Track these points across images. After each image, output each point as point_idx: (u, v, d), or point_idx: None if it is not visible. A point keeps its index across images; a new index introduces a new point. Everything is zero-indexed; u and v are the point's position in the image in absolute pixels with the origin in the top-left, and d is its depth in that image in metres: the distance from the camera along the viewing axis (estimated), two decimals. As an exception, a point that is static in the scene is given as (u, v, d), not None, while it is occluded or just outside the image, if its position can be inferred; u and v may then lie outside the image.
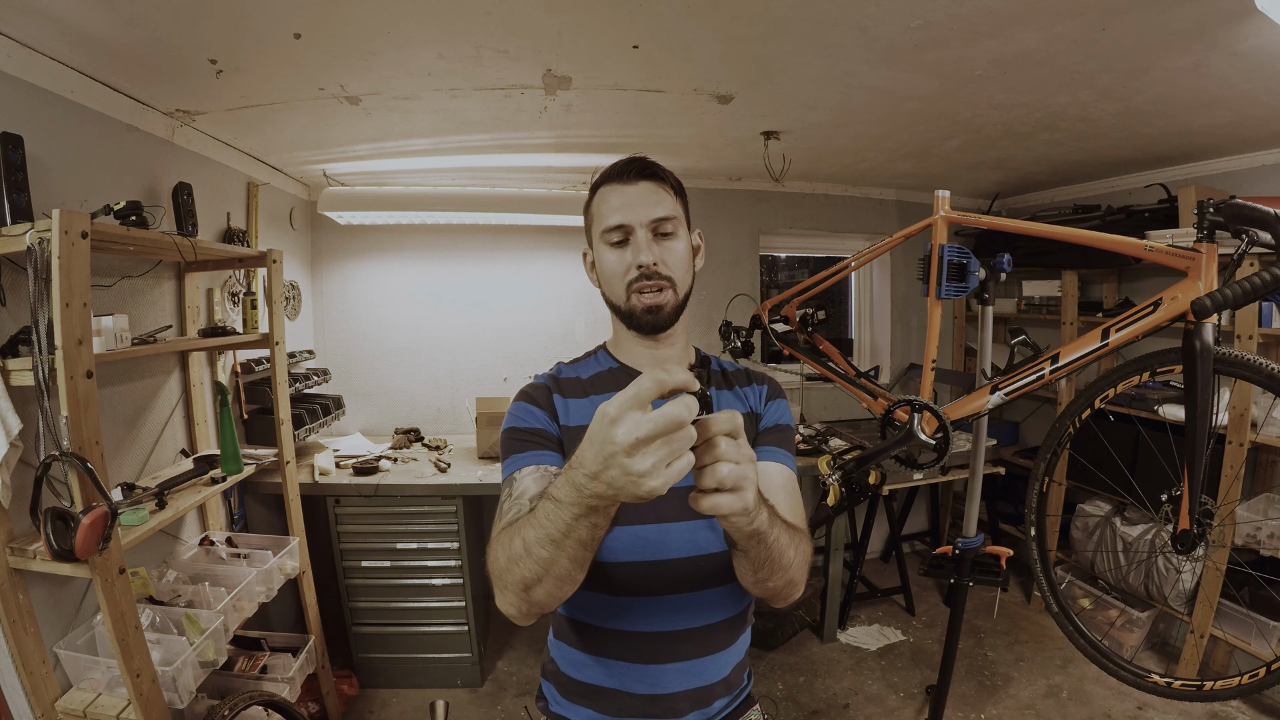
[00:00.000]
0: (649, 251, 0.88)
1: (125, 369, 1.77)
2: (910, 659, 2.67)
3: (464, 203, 2.76)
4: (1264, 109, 1.92)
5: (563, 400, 0.93)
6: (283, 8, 1.29)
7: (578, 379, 0.96)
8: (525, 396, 0.93)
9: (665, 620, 0.87)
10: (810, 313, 2.33)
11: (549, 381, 0.96)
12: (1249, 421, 2.13)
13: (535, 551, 0.63)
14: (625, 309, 0.91)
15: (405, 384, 3.11)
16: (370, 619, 2.40)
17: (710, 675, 0.91)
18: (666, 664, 0.87)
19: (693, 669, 0.89)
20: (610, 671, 0.89)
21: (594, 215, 0.94)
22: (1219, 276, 1.32)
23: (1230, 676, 1.40)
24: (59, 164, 1.49)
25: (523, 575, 0.66)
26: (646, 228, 0.89)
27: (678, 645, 0.88)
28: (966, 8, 1.33)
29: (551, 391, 0.93)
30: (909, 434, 1.71)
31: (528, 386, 0.96)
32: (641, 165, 0.92)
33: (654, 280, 0.89)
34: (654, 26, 1.42)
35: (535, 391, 0.94)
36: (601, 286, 0.95)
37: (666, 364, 0.87)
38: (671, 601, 0.87)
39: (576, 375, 0.97)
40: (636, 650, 0.88)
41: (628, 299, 0.90)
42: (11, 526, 1.32)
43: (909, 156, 2.65)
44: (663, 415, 0.51)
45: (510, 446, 0.88)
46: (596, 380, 0.96)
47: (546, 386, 0.94)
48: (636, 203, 0.89)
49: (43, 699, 1.35)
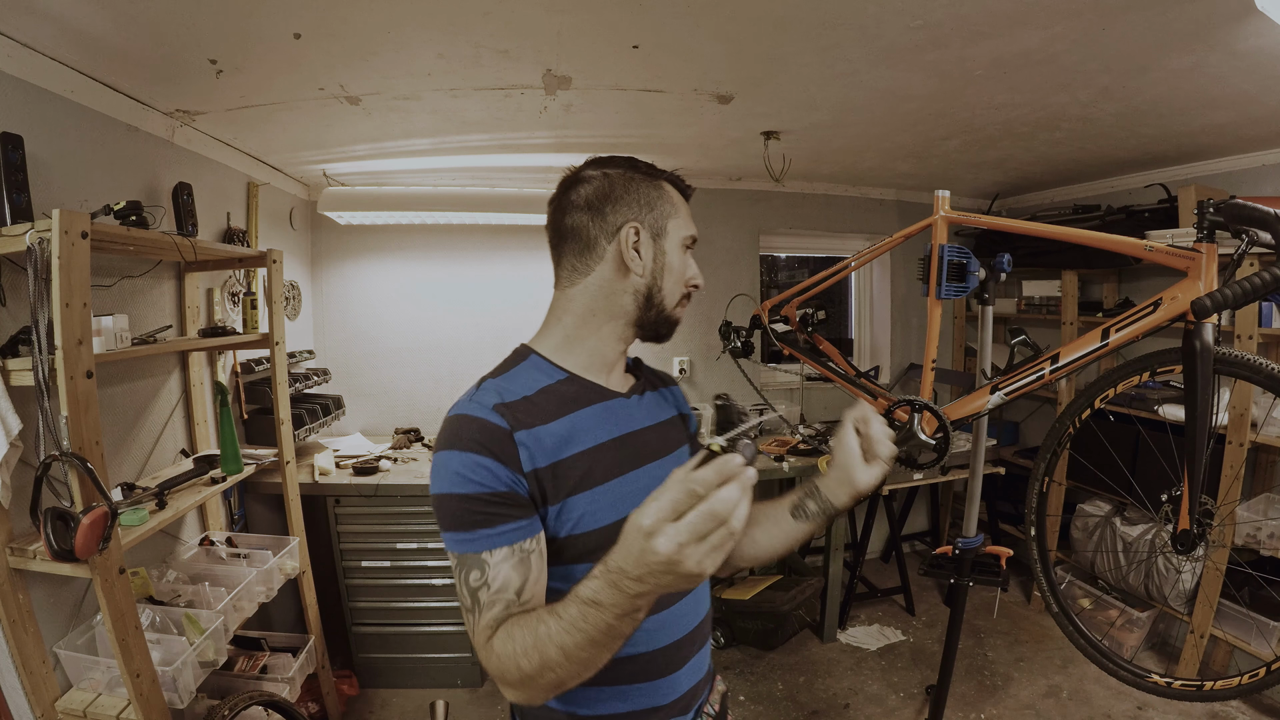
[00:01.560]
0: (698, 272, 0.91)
1: (125, 369, 1.77)
2: (910, 659, 2.67)
3: (464, 203, 2.76)
4: (1264, 109, 1.92)
5: (528, 434, 0.75)
6: (283, 8, 1.29)
7: (526, 399, 0.79)
8: (474, 445, 0.73)
9: (679, 628, 0.87)
10: (810, 313, 2.33)
11: (502, 416, 0.75)
12: (1249, 421, 2.13)
13: (576, 655, 0.61)
14: (667, 314, 0.89)
15: (405, 384, 3.11)
16: (370, 619, 2.40)
17: (705, 665, 0.93)
18: (679, 670, 0.87)
19: (696, 665, 0.90)
20: (625, 697, 0.83)
21: (674, 207, 0.88)
22: (1219, 276, 1.32)
23: (1230, 676, 1.40)
24: (59, 164, 1.49)
25: (561, 678, 0.64)
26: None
27: (687, 647, 0.88)
28: (966, 8, 1.33)
29: (510, 430, 0.74)
30: (909, 434, 1.71)
31: (470, 428, 0.74)
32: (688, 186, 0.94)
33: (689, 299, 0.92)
34: (654, 26, 1.42)
35: (486, 437, 0.73)
36: (655, 280, 0.85)
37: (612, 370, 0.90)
38: (680, 608, 0.87)
39: (523, 393, 0.80)
40: (653, 668, 0.84)
41: (676, 305, 0.90)
42: (11, 526, 1.32)
43: (909, 156, 2.65)
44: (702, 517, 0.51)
45: (466, 518, 0.72)
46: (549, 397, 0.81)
47: (501, 427, 0.74)
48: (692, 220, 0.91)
49: (43, 699, 1.35)
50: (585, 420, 0.81)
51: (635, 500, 0.65)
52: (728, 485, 0.52)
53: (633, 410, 0.89)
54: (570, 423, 0.80)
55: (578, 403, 0.82)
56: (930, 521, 3.76)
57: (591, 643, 0.60)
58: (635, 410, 0.89)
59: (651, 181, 0.88)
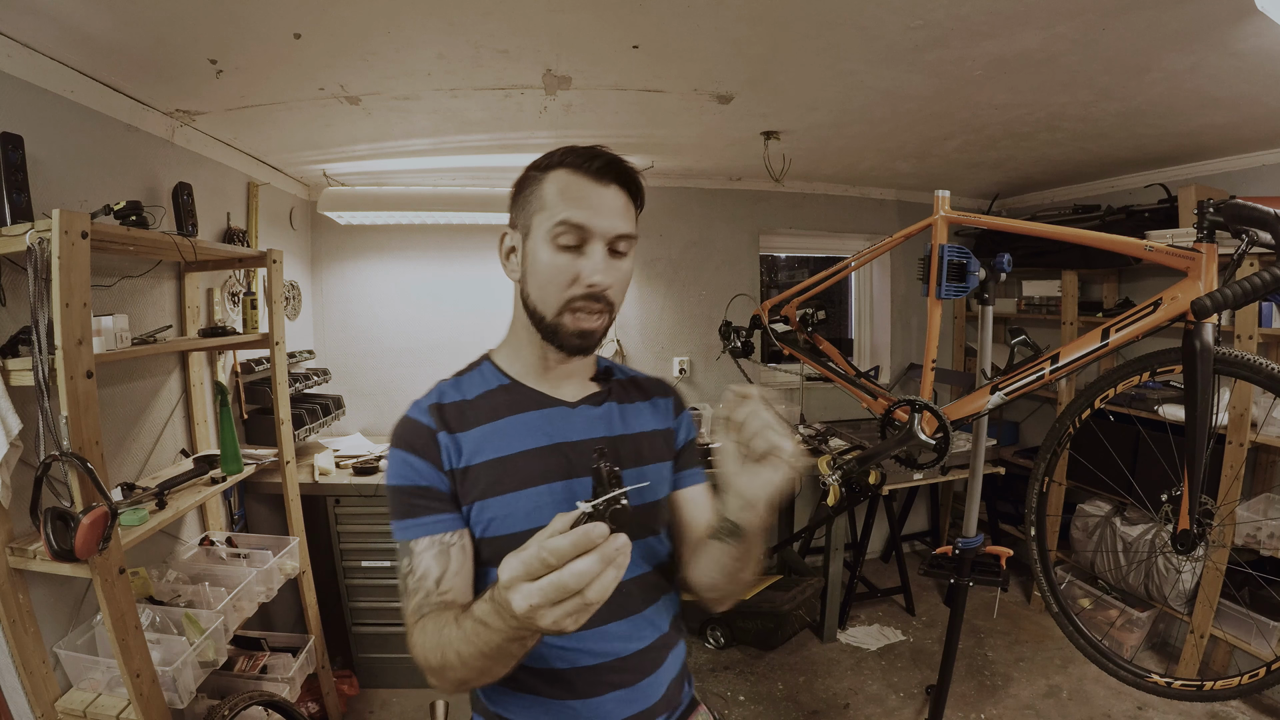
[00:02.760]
0: (605, 271, 0.77)
1: (125, 369, 1.77)
2: (910, 659, 2.67)
3: (464, 203, 2.76)
4: (1264, 109, 1.92)
5: (449, 437, 0.80)
6: (282, 7, 1.29)
7: (462, 403, 0.83)
8: (403, 443, 0.80)
9: (599, 653, 0.81)
10: (810, 313, 2.33)
11: (431, 417, 0.81)
12: (1249, 421, 2.13)
13: (471, 664, 0.64)
14: (551, 323, 0.79)
15: (405, 384, 3.10)
16: (370, 619, 2.40)
17: (649, 697, 0.85)
18: (605, 695, 0.81)
19: (631, 695, 0.83)
20: (549, 709, 0.82)
21: (542, 200, 0.79)
22: (1219, 276, 1.32)
23: (1230, 676, 1.40)
24: (59, 164, 1.49)
25: (461, 678, 0.67)
26: (605, 242, 0.77)
27: (611, 675, 0.82)
28: (966, 8, 1.33)
29: (435, 430, 0.80)
30: (909, 434, 1.71)
31: (404, 427, 0.82)
32: (622, 166, 0.79)
33: (596, 303, 0.78)
34: (654, 26, 1.42)
35: (413, 436, 0.80)
36: (526, 286, 0.82)
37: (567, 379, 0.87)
38: (603, 633, 0.81)
39: (461, 397, 0.84)
40: (572, 687, 0.81)
41: (559, 314, 0.78)
42: (11, 526, 1.32)
43: (909, 156, 2.65)
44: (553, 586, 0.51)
45: (397, 507, 0.79)
46: (484, 402, 0.84)
47: (428, 427, 0.80)
48: (606, 209, 0.77)
49: (43, 699, 1.35)
50: (512, 427, 0.82)
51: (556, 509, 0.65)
52: (584, 557, 0.51)
53: (571, 421, 0.84)
54: (494, 428, 0.81)
55: (510, 409, 0.83)
56: (930, 521, 3.76)
57: (483, 655, 0.62)
58: (579, 420, 0.85)
59: (540, 176, 0.81)
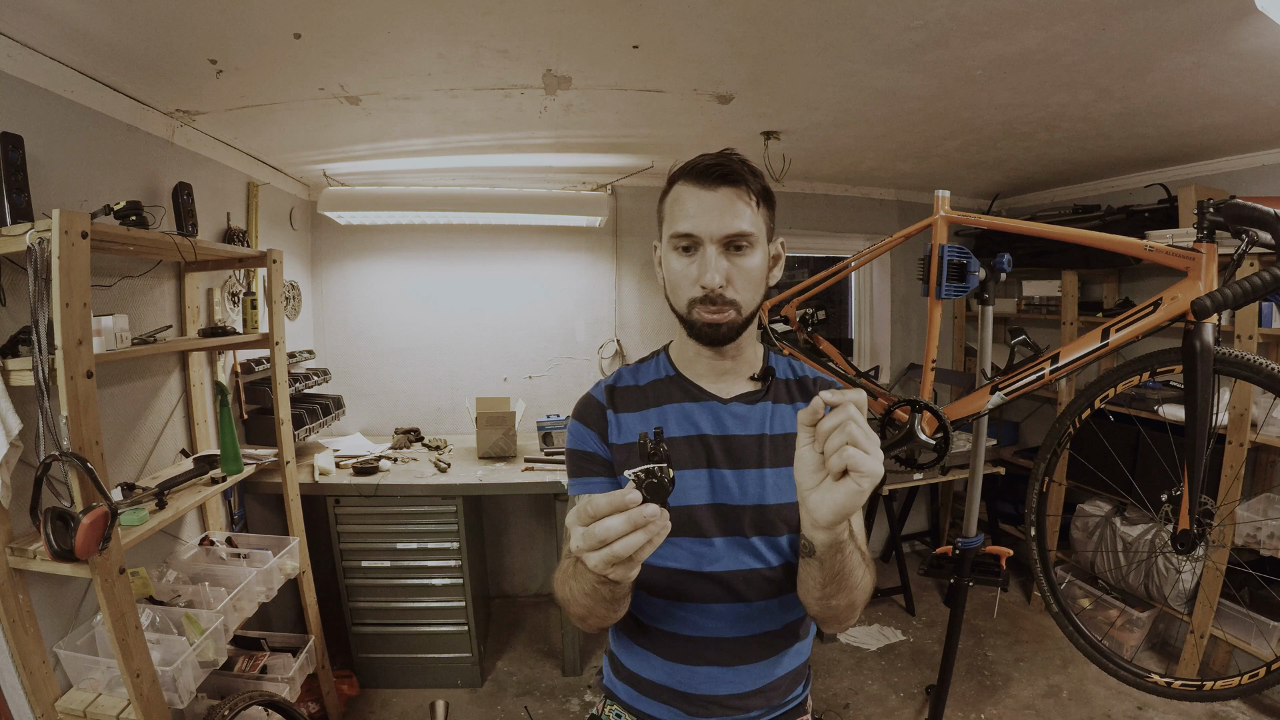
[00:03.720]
0: (716, 271, 0.81)
1: (125, 369, 1.77)
2: (910, 659, 2.67)
3: (464, 203, 2.76)
4: (1264, 109, 1.92)
5: (615, 416, 0.91)
6: (282, 7, 1.29)
7: (635, 387, 0.94)
8: (579, 414, 0.94)
9: (696, 626, 0.87)
10: (810, 313, 2.34)
11: (604, 395, 0.94)
12: (1249, 421, 2.13)
13: (579, 600, 0.75)
14: (686, 319, 0.87)
15: (405, 384, 3.11)
16: (370, 619, 2.40)
17: (741, 685, 0.89)
18: (697, 666, 0.88)
19: (720, 675, 0.88)
20: (650, 664, 0.91)
21: (665, 213, 0.88)
22: (1219, 276, 1.32)
23: (1230, 676, 1.40)
24: (59, 164, 1.49)
25: (576, 613, 0.78)
26: (718, 243, 0.81)
27: (704, 651, 0.88)
28: (966, 8, 1.33)
29: (605, 407, 0.92)
30: (909, 434, 1.71)
31: (584, 401, 0.95)
32: (725, 169, 0.82)
33: (718, 303, 0.83)
34: (654, 26, 1.42)
35: (587, 410, 0.94)
36: (667, 290, 0.91)
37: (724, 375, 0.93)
38: (704, 609, 0.86)
39: (635, 382, 0.95)
40: (670, 649, 0.89)
41: (689, 311, 0.86)
42: (11, 526, 1.32)
43: (909, 156, 2.65)
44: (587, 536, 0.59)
45: (571, 468, 0.92)
46: (653, 389, 0.94)
47: (600, 403, 0.93)
48: (712, 212, 0.81)
49: (43, 699, 1.35)
50: (663, 415, 0.91)
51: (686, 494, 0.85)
52: (614, 516, 0.58)
53: (719, 416, 0.90)
54: (650, 415, 0.91)
55: (669, 398, 0.92)
56: (930, 521, 3.76)
57: (585, 595, 0.72)
58: (723, 417, 0.90)
59: (667, 191, 0.89)
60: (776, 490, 0.87)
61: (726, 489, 0.86)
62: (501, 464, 2.55)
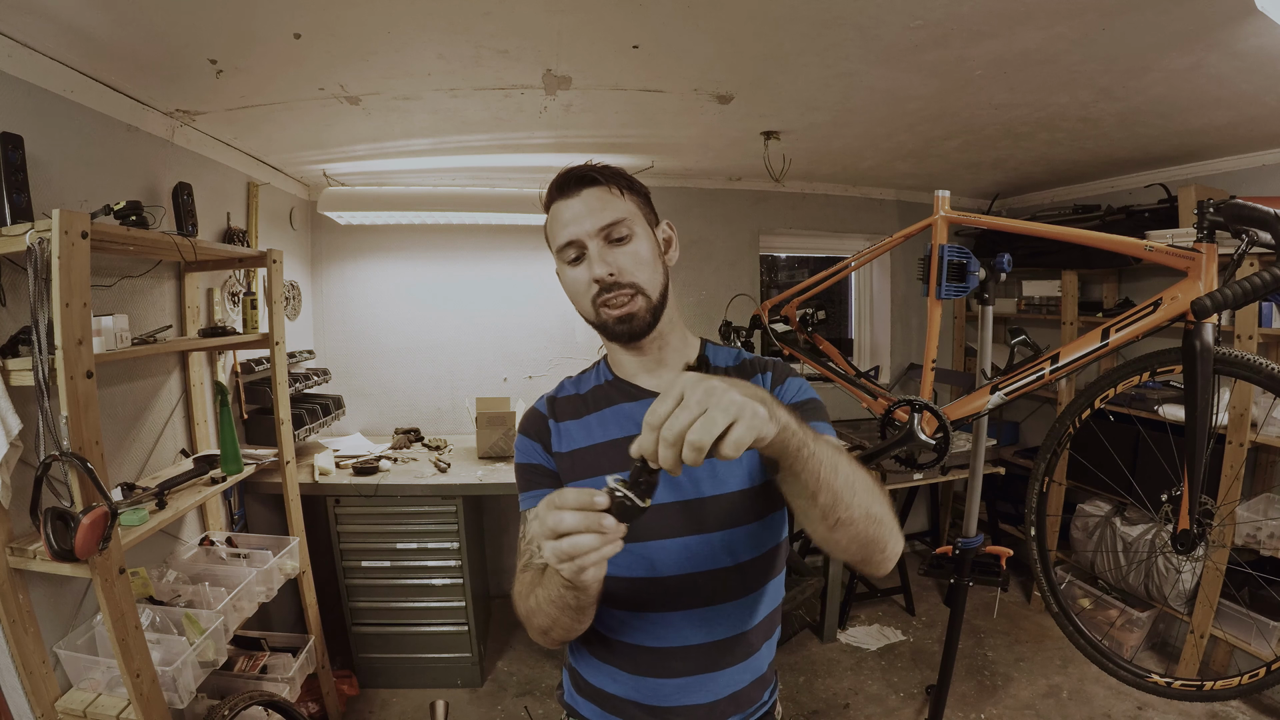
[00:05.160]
0: (602, 263, 0.84)
1: (125, 369, 1.77)
2: (910, 659, 2.67)
3: (464, 203, 2.76)
4: (1264, 109, 1.92)
5: (556, 425, 0.93)
6: (283, 8, 1.29)
7: (576, 396, 0.96)
8: (523, 428, 0.95)
9: (661, 636, 0.85)
10: (810, 313, 2.34)
11: (546, 406, 0.96)
12: (1249, 421, 2.13)
13: (544, 609, 0.76)
14: (597, 323, 0.89)
15: (405, 384, 3.11)
16: (370, 619, 2.40)
17: (712, 692, 0.87)
18: (664, 679, 0.86)
19: (690, 685, 0.86)
20: (614, 679, 0.89)
21: (549, 236, 0.91)
22: (1219, 276, 1.32)
23: (1230, 676, 1.40)
24: (59, 164, 1.49)
25: (539, 624, 0.79)
26: (597, 238, 0.85)
27: (671, 662, 0.86)
28: (966, 7, 1.33)
29: (546, 418, 0.94)
30: (909, 434, 1.71)
31: (528, 414, 0.97)
32: (579, 174, 0.88)
33: (615, 292, 0.84)
34: (654, 26, 1.42)
35: (530, 422, 0.95)
36: (575, 306, 0.92)
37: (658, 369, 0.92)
38: (667, 618, 0.85)
39: (576, 391, 0.96)
40: (636, 663, 0.87)
41: (597, 313, 0.87)
42: (11, 526, 1.32)
43: (909, 156, 2.65)
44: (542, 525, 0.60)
45: (520, 482, 0.93)
46: (593, 395, 0.95)
47: (542, 414, 0.95)
48: (582, 214, 0.85)
49: (43, 699, 1.35)
50: (607, 418, 0.91)
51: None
52: (572, 512, 0.59)
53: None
54: (594, 420, 0.91)
55: (608, 402, 0.92)
56: (930, 521, 3.76)
57: (551, 603, 0.73)
58: None
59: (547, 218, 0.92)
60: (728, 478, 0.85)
61: (677, 484, 0.84)
62: (501, 464, 2.55)
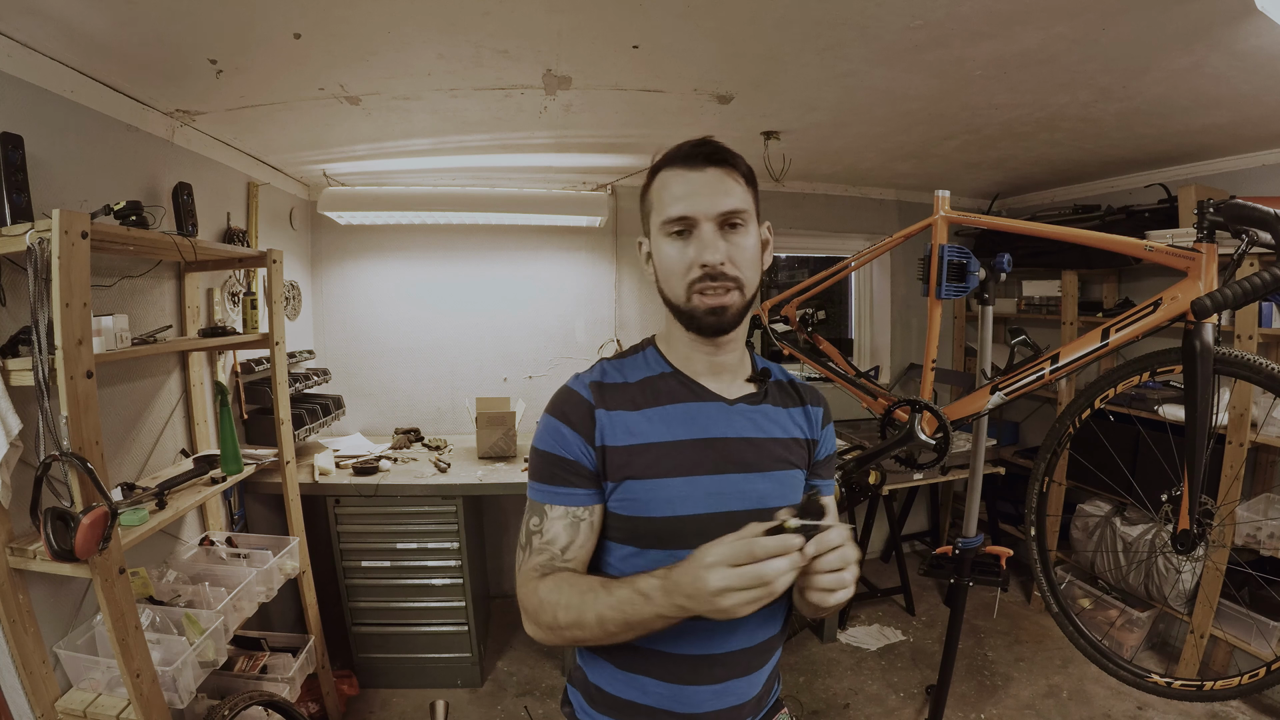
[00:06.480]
0: (715, 249, 0.79)
1: (125, 369, 1.77)
2: (910, 659, 2.67)
3: (464, 203, 2.76)
4: (1264, 109, 1.92)
5: (606, 414, 0.83)
6: (283, 8, 1.29)
7: (624, 385, 0.87)
8: (559, 413, 0.84)
9: (703, 645, 0.84)
10: (810, 313, 2.33)
11: (591, 393, 0.85)
12: (1249, 421, 2.13)
13: (607, 628, 0.72)
14: (685, 309, 0.82)
15: (405, 384, 3.11)
16: (370, 619, 2.40)
17: (743, 695, 0.88)
18: (702, 685, 0.85)
19: (727, 690, 0.86)
20: (644, 690, 0.86)
21: (653, 202, 0.84)
22: (1219, 276, 1.32)
23: (1230, 676, 1.40)
24: (59, 164, 1.49)
25: (582, 638, 0.75)
26: (714, 221, 0.80)
27: (714, 669, 0.85)
28: (966, 8, 1.33)
29: (594, 406, 0.84)
30: (909, 434, 1.71)
31: (564, 397, 0.86)
32: (711, 149, 0.81)
33: (720, 281, 0.80)
34: (654, 27, 1.42)
35: (570, 407, 0.84)
36: (658, 281, 0.86)
37: (722, 374, 0.90)
38: (711, 626, 0.82)
39: (623, 379, 0.87)
40: (673, 671, 0.84)
41: (688, 299, 0.81)
42: (11, 526, 1.32)
43: (909, 156, 2.65)
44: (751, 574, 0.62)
45: (540, 471, 0.84)
46: (647, 387, 0.87)
47: (588, 402, 0.84)
48: (703, 191, 0.80)
49: (43, 699, 1.35)
50: (669, 415, 0.85)
51: (695, 502, 0.81)
52: (781, 559, 0.62)
53: (728, 418, 0.87)
54: (656, 414, 0.85)
55: (671, 397, 0.86)
56: (930, 521, 3.76)
57: (626, 625, 0.71)
58: (732, 418, 0.87)
59: (650, 182, 0.85)
60: (775, 495, 0.86)
61: (738, 495, 0.84)
62: (501, 464, 2.55)
